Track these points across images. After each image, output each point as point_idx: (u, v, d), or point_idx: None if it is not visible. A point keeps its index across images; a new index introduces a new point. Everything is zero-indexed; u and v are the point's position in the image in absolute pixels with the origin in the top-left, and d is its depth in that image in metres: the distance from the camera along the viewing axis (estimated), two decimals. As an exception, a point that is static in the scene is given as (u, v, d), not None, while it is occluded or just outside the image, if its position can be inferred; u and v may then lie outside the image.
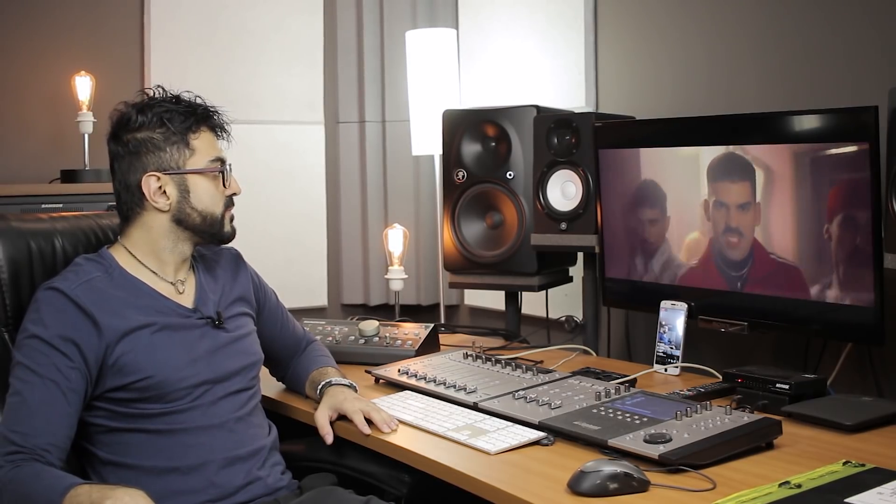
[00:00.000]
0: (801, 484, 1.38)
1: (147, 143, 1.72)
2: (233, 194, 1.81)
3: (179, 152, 1.74)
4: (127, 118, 1.74)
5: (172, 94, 1.78)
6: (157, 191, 1.72)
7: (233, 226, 1.83)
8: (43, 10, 3.18)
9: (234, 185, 1.81)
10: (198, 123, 1.76)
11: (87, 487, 1.46)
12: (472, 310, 3.50)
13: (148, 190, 1.72)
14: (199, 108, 1.77)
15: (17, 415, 1.55)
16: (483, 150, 2.71)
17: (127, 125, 1.74)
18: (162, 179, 1.72)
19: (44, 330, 1.60)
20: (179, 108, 1.75)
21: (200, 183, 1.76)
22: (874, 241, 1.84)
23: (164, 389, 1.66)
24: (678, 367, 2.17)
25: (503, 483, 1.47)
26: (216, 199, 1.78)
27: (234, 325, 1.83)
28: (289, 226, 3.55)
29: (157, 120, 1.73)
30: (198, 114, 1.77)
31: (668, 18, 2.70)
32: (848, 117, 1.88)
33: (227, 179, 1.79)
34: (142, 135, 1.73)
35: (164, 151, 1.73)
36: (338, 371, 2.01)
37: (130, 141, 1.73)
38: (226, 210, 1.80)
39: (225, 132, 1.82)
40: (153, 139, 1.73)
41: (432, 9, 3.54)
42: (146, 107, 1.74)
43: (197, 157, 1.75)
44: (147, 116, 1.73)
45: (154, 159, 1.72)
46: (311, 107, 3.61)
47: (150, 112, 1.73)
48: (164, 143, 1.73)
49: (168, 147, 1.73)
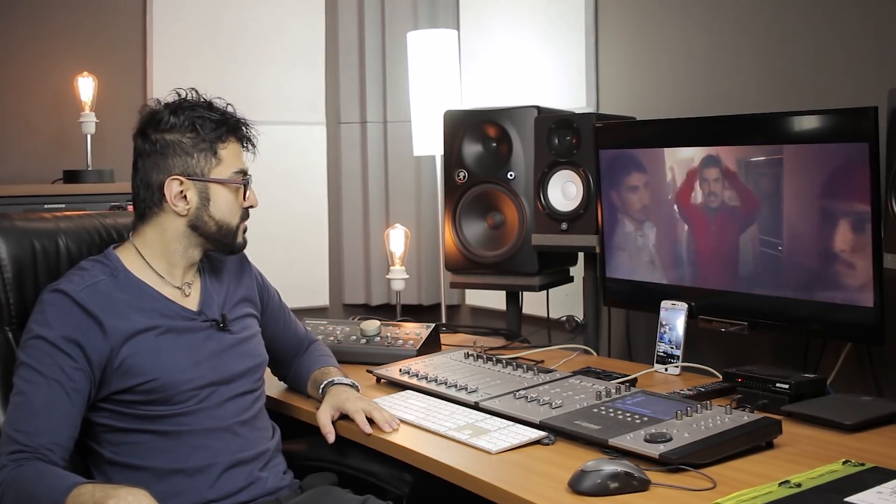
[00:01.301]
0: (800, 483, 1.38)
1: (176, 145, 1.72)
2: (250, 207, 1.82)
3: (206, 160, 1.73)
4: (159, 117, 1.74)
5: (206, 98, 1.78)
6: (178, 195, 1.72)
7: (245, 237, 1.83)
8: (46, 11, 3.18)
9: (253, 198, 1.82)
10: (227, 133, 1.76)
11: (91, 487, 1.46)
12: (473, 310, 3.50)
13: (169, 192, 1.72)
14: (231, 119, 1.77)
15: (21, 414, 1.56)
16: (484, 150, 2.72)
17: (158, 124, 1.73)
18: (185, 184, 1.72)
19: (48, 331, 1.61)
20: (212, 115, 1.75)
21: (221, 193, 1.76)
22: (874, 241, 1.84)
23: (170, 392, 1.67)
24: (678, 367, 2.17)
25: (504, 482, 1.47)
26: (234, 211, 1.78)
27: (239, 327, 1.84)
28: (291, 226, 3.56)
29: (188, 124, 1.72)
30: (229, 124, 1.77)
31: (668, 19, 2.71)
32: (848, 117, 1.88)
33: (247, 192, 1.80)
34: (171, 136, 1.72)
35: (192, 157, 1.72)
36: (340, 371, 2.01)
37: (159, 141, 1.73)
38: (241, 222, 1.81)
39: (251, 144, 1.83)
40: (182, 143, 1.72)
41: (433, 10, 3.55)
42: (179, 108, 1.74)
43: (222, 166, 1.75)
44: (179, 119, 1.72)
45: (180, 163, 1.72)
46: (313, 107, 3.62)
47: (182, 115, 1.73)
48: (192, 149, 1.72)
49: (196, 153, 1.73)
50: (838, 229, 1.91)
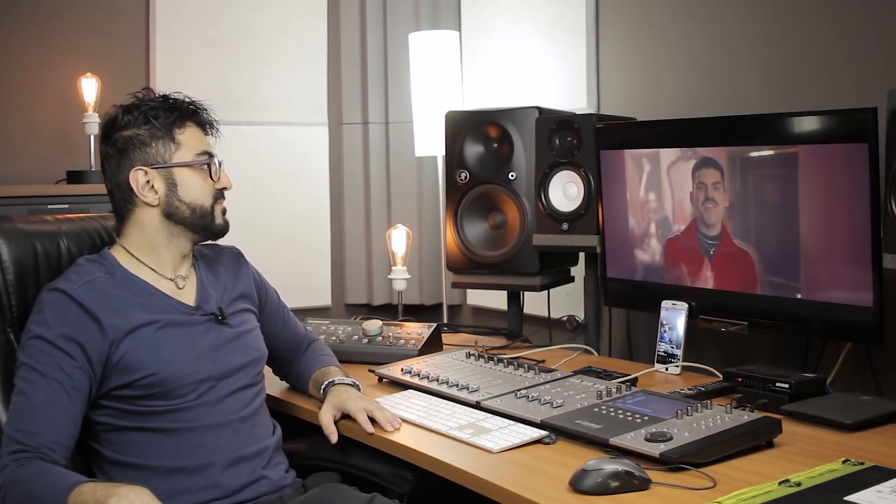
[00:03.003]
0: (800, 482, 1.39)
1: (133, 139, 1.75)
2: (223, 188, 1.82)
3: (165, 147, 1.75)
4: (114, 118, 1.77)
5: (161, 94, 1.81)
6: (145, 185, 1.74)
7: (225, 219, 1.84)
8: (49, 12, 3.19)
9: (225, 179, 1.82)
10: (182, 119, 1.78)
11: (92, 485, 1.47)
12: (474, 309, 3.51)
13: (136, 184, 1.74)
14: (183, 105, 1.79)
15: (22, 414, 1.56)
16: (485, 151, 2.73)
17: (114, 125, 1.76)
18: (149, 174, 1.74)
19: (47, 330, 1.61)
20: (164, 105, 1.77)
21: (188, 176, 1.77)
22: (873, 242, 1.85)
23: (169, 386, 1.67)
24: (679, 367, 2.18)
25: (505, 481, 1.48)
26: (204, 192, 1.79)
27: (238, 321, 1.84)
28: (293, 226, 3.57)
29: (142, 118, 1.75)
30: (182, 109, 1.79)
31: (669, 20, 2.71)
32: (848, 118, 1.89)
33: (217, 173, 1.80)
34: (128, 132, 1.75)
35: (150, 147, 1.75)
36: (341, 370, 2.02)
37: (118, 140, 1.75)
38: (215, 202, 1.81)
39: (213, 128, 1.84)
40: (139, 135, 1.75)
41: (435, 11, 3.55)
42: (133, 107, 1.77)
43: (183, 150, 1.77)
44: (133, 115, 1.75)
45: (140, 155, 1.74)
46: (315, 108, 3.63)
47: (136, 111, 1.76)
48: (149, 139, 1.75)
49: (153, 142, 1.75)
50: (838, 229, 1.91)
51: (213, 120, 1.84)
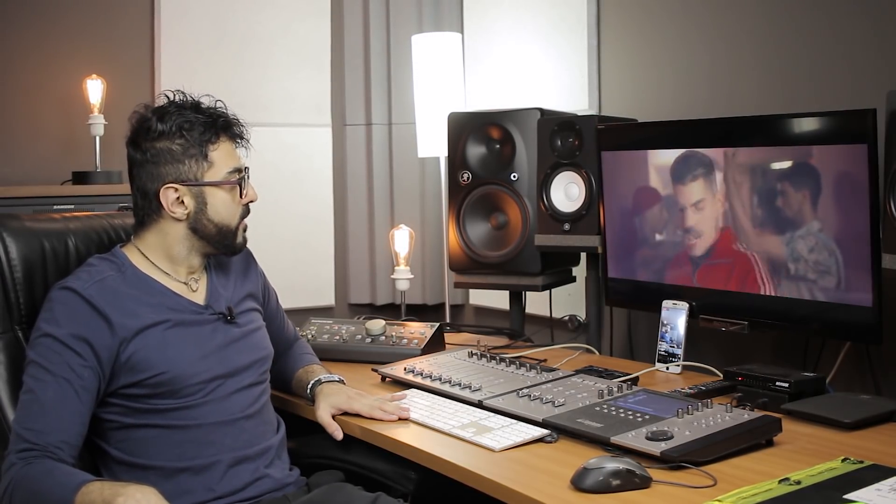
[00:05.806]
0: (800, 480, 1.39)
1: (166, 153, 1.72)
2: (249, 202, 1.82)
3: (198, 164, 1.74)
4: (147, 126, 1.74)
5: (193, 98, 1.78)
6: (175, 201, 1.73)
7: (245, 236, 1.84)
8: (55, 14, 3.21)
9: (252, 192, 1.81)
10: (216, 134, 1.76)
11: (99, 484, 1.48)
12: (477, 309, 3.52)
13: (166, 200, 1.73)
14: (218, 119, 1.77)
15: (30, 412, 1.57)
16: (488, 152, 2.74)
17: (147, 134, 1.73)
18: (180, 191, 1.73)
19: (57, 329, 1.62)
20: (199, 118, 1.74)
21: (218, 194, 1.76)
22: (872, 242, 1.85)
23: (177, 385, 1.68)
24: (679, 366, 2.19)
25: (507, 479, 1.48)
26: (232, 211, 1.79)
27: (245, 321, 1.86)
28: (296, 227, 3.58)
29: (176, 130, 1.72)
30: (217, 125, 1.76)
31: (669, 22, 2.72)
32: (847, 119, 1.90)
33: (245, 188, 1.80)
34: (161, 144, 1.73)
35: (183, 164, 1.73)
36: (323, 368, 2.04)
37: (149, 149, 1.73)
38: (240, 221, 1.81)
39: (244, 139, 1.82)
40: (172, 150, 1.72)
41: (438, 13, 3.56)
42: (166, 114, 1.74)
43: (215, 169, 1.75)
44: (166, 125, 1.72)
45: (172, 170, 1.72)
46: (319, 109, 3.64)
47: (169, 121, 1.72)
48: (182, 155, 1.73)
49: (187, 159, 1.73)
50: (837, 230, 1.92)
51: (244, 132, 1.82)
